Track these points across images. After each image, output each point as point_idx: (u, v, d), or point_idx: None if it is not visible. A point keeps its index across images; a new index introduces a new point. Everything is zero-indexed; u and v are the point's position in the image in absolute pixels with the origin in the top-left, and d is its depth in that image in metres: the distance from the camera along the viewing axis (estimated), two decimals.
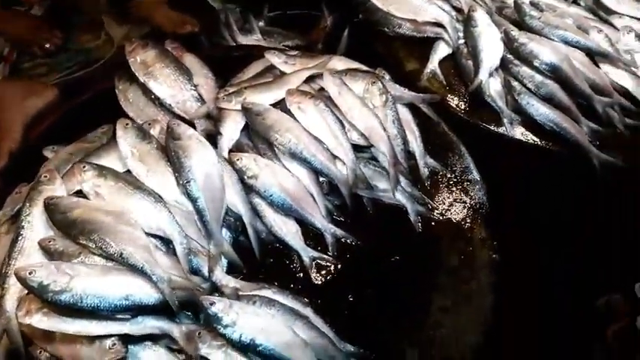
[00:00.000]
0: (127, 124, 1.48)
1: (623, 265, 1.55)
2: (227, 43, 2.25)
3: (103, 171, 1.37)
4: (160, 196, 1.34)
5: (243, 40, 2.27)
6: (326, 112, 1.56)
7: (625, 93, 1.69)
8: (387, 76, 1.77)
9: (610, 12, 1.89)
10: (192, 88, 1.68)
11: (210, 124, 1.62)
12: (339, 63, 1.81)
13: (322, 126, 1.54)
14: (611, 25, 1.86)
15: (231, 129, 1.58)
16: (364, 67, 1.84)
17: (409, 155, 1.60)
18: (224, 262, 1.30)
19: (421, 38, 1.91)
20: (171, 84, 1.67)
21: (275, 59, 1.75)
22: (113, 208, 1.28)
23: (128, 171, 1.42)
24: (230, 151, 1.55)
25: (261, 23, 2.44)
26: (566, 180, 1.61)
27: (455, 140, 1.65)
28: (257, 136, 1.56)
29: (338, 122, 1.56)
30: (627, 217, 1.55)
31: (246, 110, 1.56)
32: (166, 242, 1.29)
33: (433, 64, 1.84)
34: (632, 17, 1.85)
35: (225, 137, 1.56)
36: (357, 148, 1.56)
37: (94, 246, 1.18)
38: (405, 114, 1.68)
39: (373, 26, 1.98)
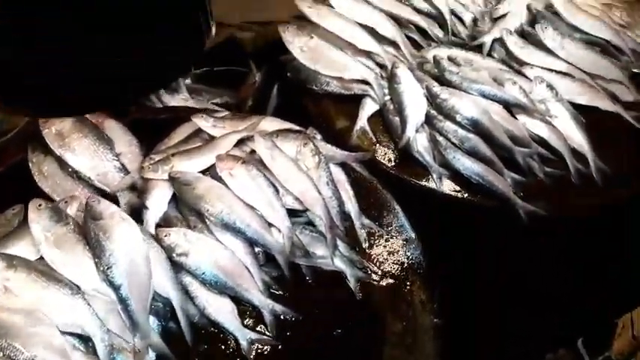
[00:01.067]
0: (39, 205, 1.36)
1: (565, 319, 1.60)
2: (153, 104, 2.17)
3: (13, 261, 1.25)
4: (77, 287, 1.22)
5: (170, 100, 2.20)
6: (259, 178, 1.53)
7: (542, 142, 1.79)
8: (319, 136, 1.77)
9: (521, 63, 2.01)
10: (115, 157, 1.60)
11: (134, 197, 1.53)
12: (270, 124, 1.79)
13: (255, 192, 1.50)
14: (524, 75, 1.98)
15: (158, 201, 1.50)
16: (295, 127, 1.84)
17: (345, 216, 1.60)
18: (152, 355, 1.20)
19: (349, 95, 1.94)
20: (90, 155, 1.58)
21: (203, 123, 1.70)
22: (23, 305, 1.15)
23: (42, 257, 1.30)
24: (158, 225, 1.47)
25: (188, 81, 2.39)
26: (496, 233, 1.66)
27: (388, 198, 1.66)
28: (186, 208, 1.49)
29: (272, 187, 1.53)
30: (561, 267, 1.62)
31: (173, 180, 1.49)
32: (85, 340, 1.17)
33: (362, 121, 1.87)
34: (542, 67, 1.99)
35: (152, 211, 1.47)
36: (292, 213, 1.53)
37: (1, 355, 1.05)
38: (338, 174, 1.68)
39: (302, 84, 2.00)
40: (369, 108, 1.91)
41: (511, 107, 1.83)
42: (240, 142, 1.69)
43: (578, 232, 1.68)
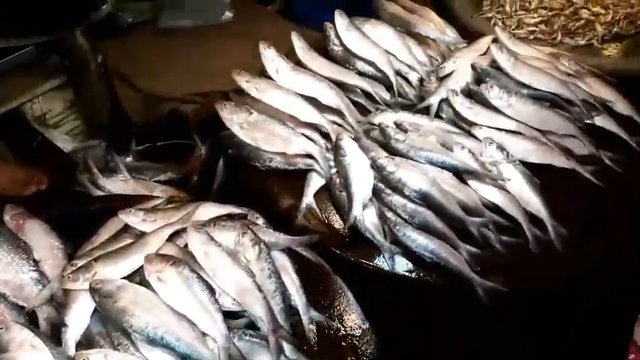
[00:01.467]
0: None
1: None
2: (88, 189, 2.04)
3: None
4: None
5: (107, 183, 2.07)
6: (192, 280, 1.39)
7: (496, 208, 1.70)
8: (260, 220, 1.65)
9: (470, 123, 1.95)
10: (33, 267, 1.46)
11: (54, 311, 1.38)
12: (208, 211, 1.68)
13: (188, 298, 1.36)
14: (474, 136, 1.91)
15: (79, 317, 1.34)
16: (237, 211, 1.73)
17: (292, 310, 1.47)
18: None
19: (294, 171, 1.84)
20: (4, 268, 1.43)
21: (131, 219, 1.58)
22: None
23: None
24: (79, 344, 1.32)
25: (129, 159, 2.28)
26: (453, 312, 1.55)
27: (339, 284, 1.54)
28: (110, 323, 1.34)
29: (207, 289, 1.38)
30: (518, 341, 1.51)
31: (94, 292, 1.34)
32: None
33: (308, 199, 1.76)
34: (491, 127, 1.93)
35: (71, 329, 1.32)
36: (231, 315, 1.40)
37: None
38: (283, 260, 1.56)
39: (245, 161, 1.90)
40: (315, 183, 1.81)
41: (461, 173, 1.75)
42: (175, 234, 1.57)
43: (538, 303, 1.57)
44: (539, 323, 1.61)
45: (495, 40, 2.20)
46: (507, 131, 1.90)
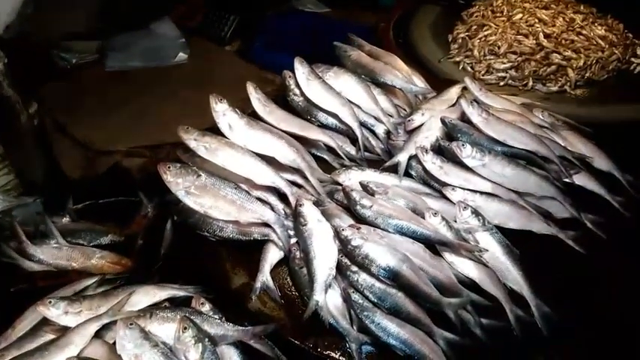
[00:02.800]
0: None
1: None
2: (14, 260, 1.77)
3: None
4: None
5: (37, 251, 1.80)
6: None
7: (473, 285, 1.53)
8: (207, 306, 1.44)
9: (441, 183, 1.79)
10: None
11: None
12: (145, 295, 1.46)
13: None
14: (447, 198, 1.75)
15: None
16: (181, 293, 1.51)
17: None
18: None
19: (248, 242, 1.63)
20: None
21: (52, 312, 1.34)
22: None
23: None
24: None
25: (66, 219, 2.02)
26: None
27: None
28: None
29: None
30: None
31: None
32: None
33: (264, 276, 1.55)
34: (465, 189, 1.78)
35: None
36: None
37: None
38: (232, 356, 1.35)
39: (192, 229, 1.68)
40: (271, 257, 1.60)
41: (434, 244, 1.58)
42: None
43: None
44: None
45: (465, 89, 2.08)
46: (482, 193, 1.74)
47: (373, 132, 2.05)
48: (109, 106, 2.36)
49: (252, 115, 1.91)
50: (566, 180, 1.83)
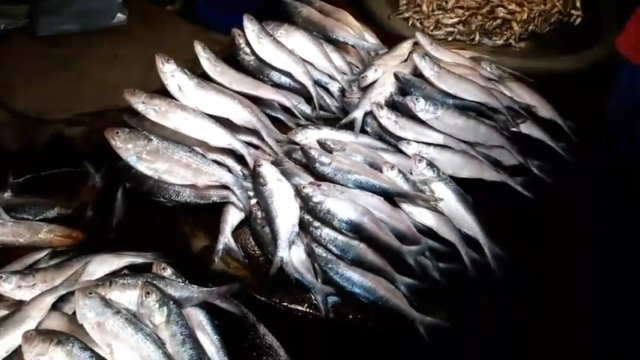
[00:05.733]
0: None
1: None
2: None
3: None
4: None
5: None
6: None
7: (430, 232, 1.58)
8: (169, 271, 1.41)
9: (397, 138, 1.82)
10: None
11: None
12: (102, 265, 1.41)
13: None
14: (402, 152, 1.79)
15: None
16: (139, 260, 1.47)
17: None
18: None
19: (207, 205, 1.60)
20: None
21: (3, 287, 1.29)
22: None
23: None
24: None
25: (7, 194, 1.90)
26: (396, 355, 1.40)
27: (268, 337, 1.35)
28: None
29: None
30: None
31: None
32: None
33: (225, 237, 1.54)
34: (419, 142, 1.81)
35: None
36: None
37: None
38: (199, 318, 1.34)
39: (147, 196, 1.63)
40: (232, 218, 1.59)
41: (392, 196, 1.61)
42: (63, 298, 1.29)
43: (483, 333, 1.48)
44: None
45: (416, 44, 2.10)
46: (436, 145, 1.79)
47: (327, 90, 2.04)
48: (45, 73, 2.20)
49: (202, 77, 1.85)
50: (514, 129, 1.91)
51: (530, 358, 1.50)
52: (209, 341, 1.30)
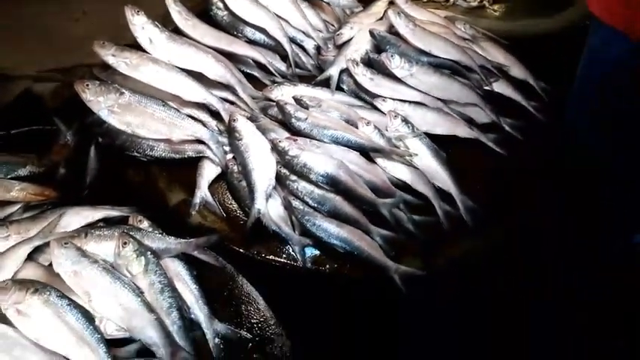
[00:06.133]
0: None
1: None
2: None
3: None
4: None
5: None
6: (62, 308, 1.14)
7: (405, 186, 1.61)
8: (146, 223, 1.41)
9: (372, 95, 1.83)
10: None
11: None
12: (77, 217, 1.40)
13: (60, 332, 1.12)
14: (378, 110, 1.80)
15: None
16: (115, 213, 1.46)
17: (192, 325, 1.27)
18: None
19: (182, 160, 1.59)
20: None
21: None
22: None
23: None
24: None
25: None
26: (372, 305, 1.45)
27: (246, 287, 1.37)
28: None
29: (83, 317, 1.14)
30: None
31: None
32: None
33: (202, 191, 1.53)
34: (394, 99, 1.82)
35: None
36: (118, 343, 1.17)
37: None
38: (177, 268, 1.35)
39: (120, 151, 1.61)
40: (208, 173, 1.58)
41: (368, 151, 1.63)
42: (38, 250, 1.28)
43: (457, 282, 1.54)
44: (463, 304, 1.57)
45: (392, 2, 2.09)
46: (411, 102, 1.80)
47: (303, 47, 2.03)
48: (11, 29, 2.12)
49: (175, 32, 1.81)
50: (487, 88, 1.94)
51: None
52: (188, 290, 1.31)
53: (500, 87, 1.97)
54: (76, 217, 1.39)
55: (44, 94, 1.94)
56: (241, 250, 1.42)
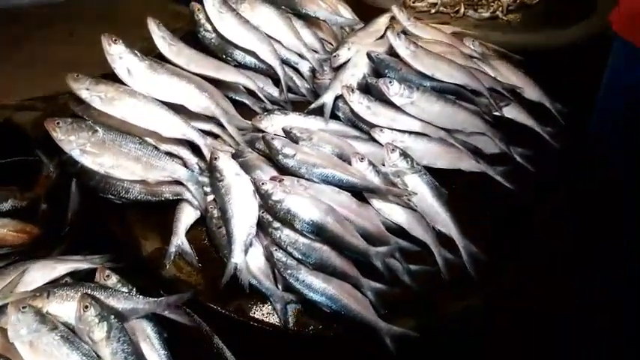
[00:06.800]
0: None
1: None
2: None
3: None
4: None
5: None
6: None
7: (401, 231, 1.47)
8: (113, 278, 1.30)
9: (369, 124, 1.68)
10: None
11: None
12: (41, 273, 1.30)
13: None
14: (375, 140, 1.65)
15: None
16: (84, 266, 1.36)
17: None
18: None
19: (159, 203, 1.48)
20: None
21: None
22: None
23: None
24: None
25: None
26: None
27: (222, 350, 1.25)
28: None
29: None
30: None
31: None
32: None
33: (179, 239, 1.42)
34: (393, 129, 1.67)
35: None
36: None
37: None
38: (145, 330, 1.23)
39: (95, 192, 1.50)
40: (186, 217, 1.47)
41: (361, 191, 1.49)
42: None
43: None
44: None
45: (394, 18, 1.93)
46: (411, 133, 1.65)
47: (297, 70, 1.89)
48: None
49: (159, 58, 1.70)
50: (496, 113, 1.77)
51: None
52: (156, 356, 1.20)
53: (511, 112, 1.80)
54: (40, 273, 1.29)
55: (25, 123, 1.85)
56: (217, 308, 1.30)
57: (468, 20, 2.33)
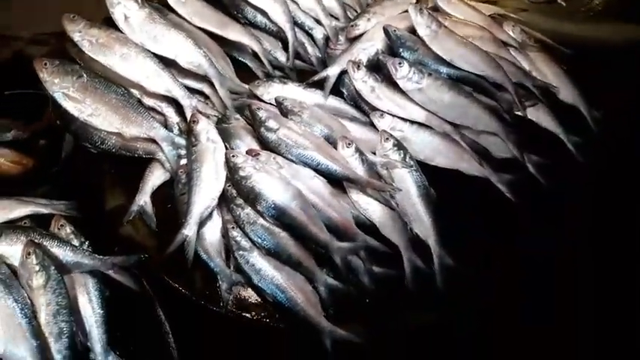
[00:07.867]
0: None
1: None
2: None
3: None
4: None
5: None
6: None
7: (374, 229, 1.35)
8: (68, 228, 1.30)
9: (371, 107, 1.55)
10: None
11: None
12: (1, 212, 1.32)
13: None
14: (373, 125, 1.52)
15: None
16: (44, 210, 1.37)
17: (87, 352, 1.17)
18: None
19: (131, 158, 1.45)
20: None
21: None
22: None
23: None
24: None
25: None
26: None
27: (161, 322, 1.23)
28: None
29: None
30: None
31: None
32: None
33: (142, 199, 1.39)
34: (394, 116, 1.53)
35: None
36: None
37: None
38: (86, 285, 1.24)
39: (75, 139, 1.49)
40: (154, 179, 1.43)
41: (340, 179, 1.38)
42: None
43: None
44: None
45: None
46: (413, 123, 1.50)
47: (311, 36, 1.76)
48: None
49: (166, 6, 1.63)
50: (518, 113, 1.57)
51: None
52: (91, 314, 1.20)
53: (536, 113, 1.59)
54: (1, 211, 1.31)
55: (36, 56, 1.86)
56: (164, 277, 1.27)
57: (521, 1, 2.06)
